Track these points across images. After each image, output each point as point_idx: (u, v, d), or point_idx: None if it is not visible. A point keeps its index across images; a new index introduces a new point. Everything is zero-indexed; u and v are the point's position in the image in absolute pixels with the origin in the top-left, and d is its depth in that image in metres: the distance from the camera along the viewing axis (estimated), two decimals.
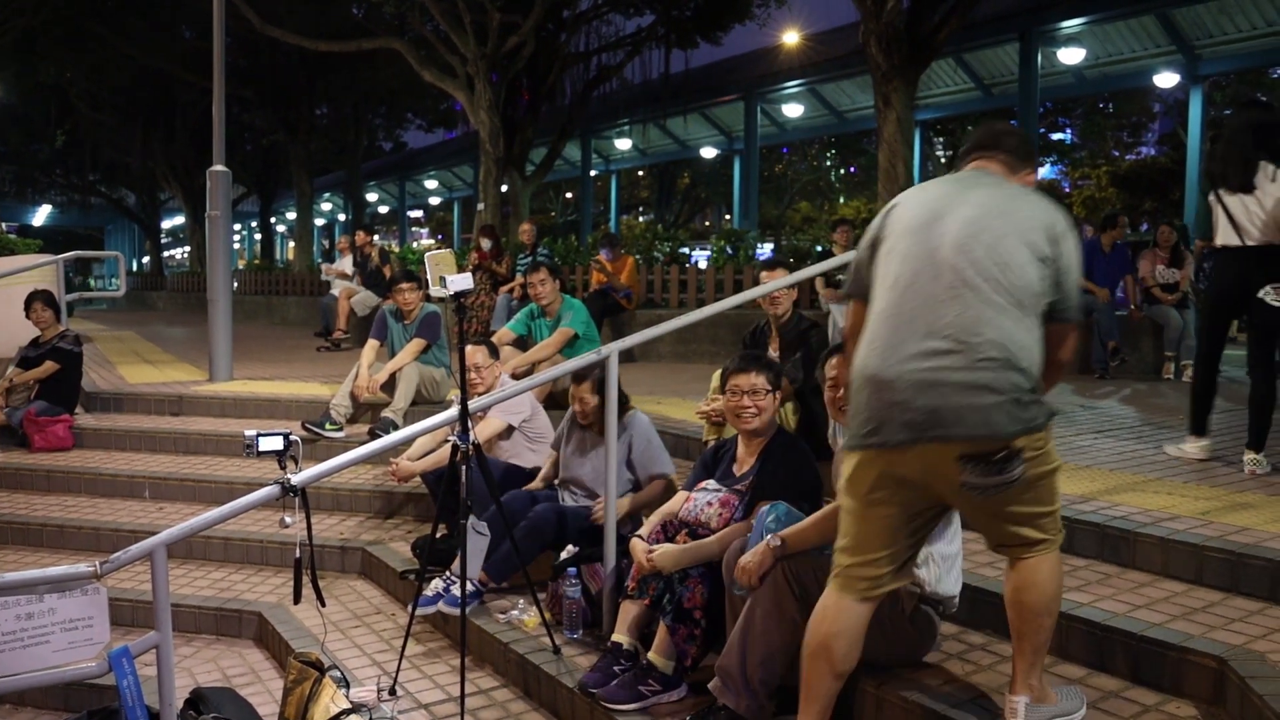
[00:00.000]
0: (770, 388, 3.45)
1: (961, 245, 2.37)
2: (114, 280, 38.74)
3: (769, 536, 2.92)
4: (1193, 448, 4.60)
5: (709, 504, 3.49)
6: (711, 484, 3.61)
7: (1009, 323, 2.30)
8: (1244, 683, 2.52)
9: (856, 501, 2.46)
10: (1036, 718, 2.51)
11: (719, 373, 4.83)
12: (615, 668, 3.27)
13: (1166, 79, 16.18)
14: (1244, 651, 2.70)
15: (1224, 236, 4.38)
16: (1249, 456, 4.33)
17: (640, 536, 3.48)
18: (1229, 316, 4.69)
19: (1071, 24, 14.61)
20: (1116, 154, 32.02)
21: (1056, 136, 31.49)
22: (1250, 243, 4.27)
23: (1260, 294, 4.23)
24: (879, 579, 2.46)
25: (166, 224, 45.82)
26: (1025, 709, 2.49)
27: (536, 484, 4.59)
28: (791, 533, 2.89)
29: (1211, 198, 4.43)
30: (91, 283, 45.65)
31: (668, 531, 3.46)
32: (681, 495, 3.68)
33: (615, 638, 3.37)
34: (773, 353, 4.82)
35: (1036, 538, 2.44)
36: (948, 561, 2.85)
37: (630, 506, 4.11)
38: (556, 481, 4.48)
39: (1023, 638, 2.50)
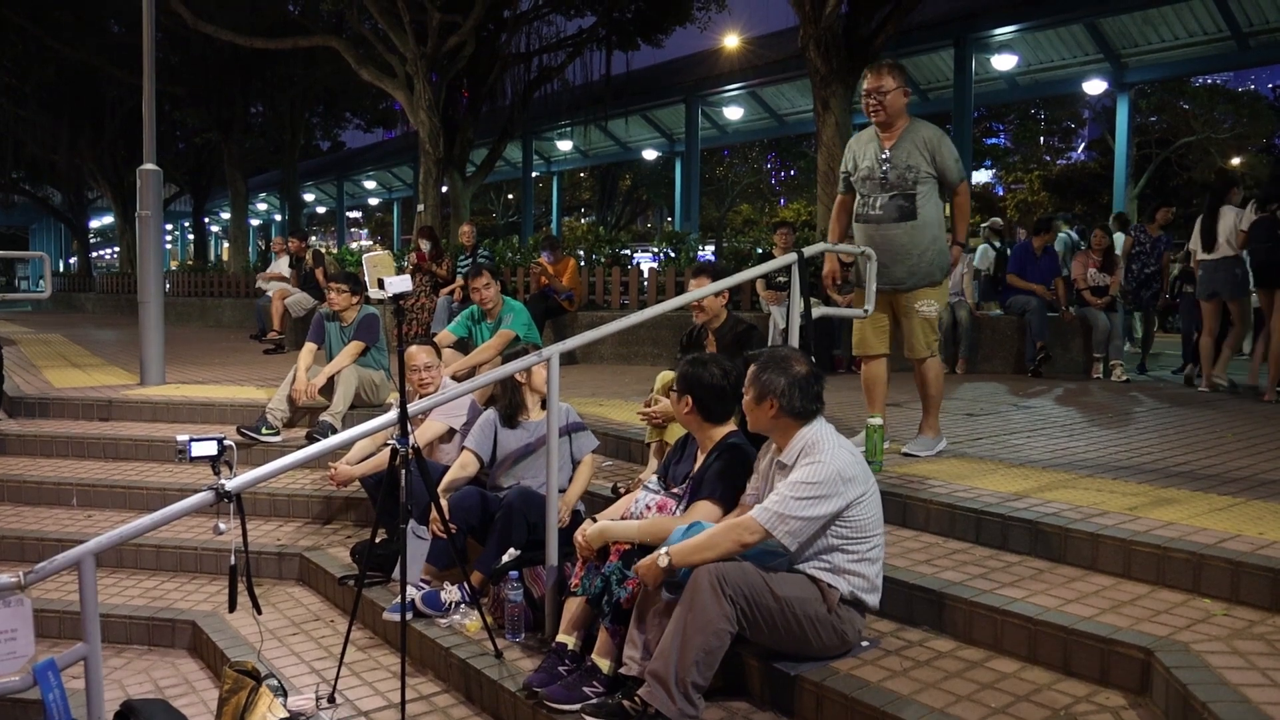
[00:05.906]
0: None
1: None
2: (39, 281, 37.54)
3: (660, 551, 3.01)
4: None
5: (647, 507, 3.50)
6: (653, 483, 3.63)
7: None
8: (1169, 672, 2.60)
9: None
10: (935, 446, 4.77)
11: (661, 374, 4.88)
12: (560, 668, 3.25)
13: (1095, 86, 16.66)
14: (1169, 642, 2.79)
15: None
16: None
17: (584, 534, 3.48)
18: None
19: (1004, 31, 14.94)
20: (1048, 159, 32.88)
21: (990, 141, 32.20)
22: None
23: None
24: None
25: (95, 223, 44.56)
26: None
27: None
28: (678, 549, 2.98)
29: None
30: (15, 284, 44.21)
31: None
32: (625, 500, 3.70)
33: (560, 638, 3.35)
34: None
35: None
36: (867, 580, 3.06)
37: (581, 490, 4.30)
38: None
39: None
